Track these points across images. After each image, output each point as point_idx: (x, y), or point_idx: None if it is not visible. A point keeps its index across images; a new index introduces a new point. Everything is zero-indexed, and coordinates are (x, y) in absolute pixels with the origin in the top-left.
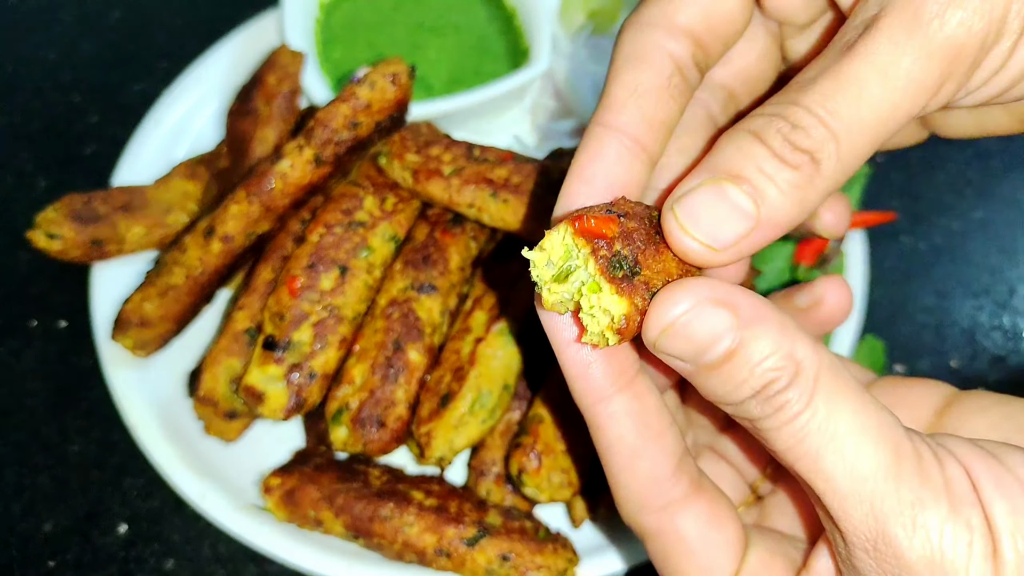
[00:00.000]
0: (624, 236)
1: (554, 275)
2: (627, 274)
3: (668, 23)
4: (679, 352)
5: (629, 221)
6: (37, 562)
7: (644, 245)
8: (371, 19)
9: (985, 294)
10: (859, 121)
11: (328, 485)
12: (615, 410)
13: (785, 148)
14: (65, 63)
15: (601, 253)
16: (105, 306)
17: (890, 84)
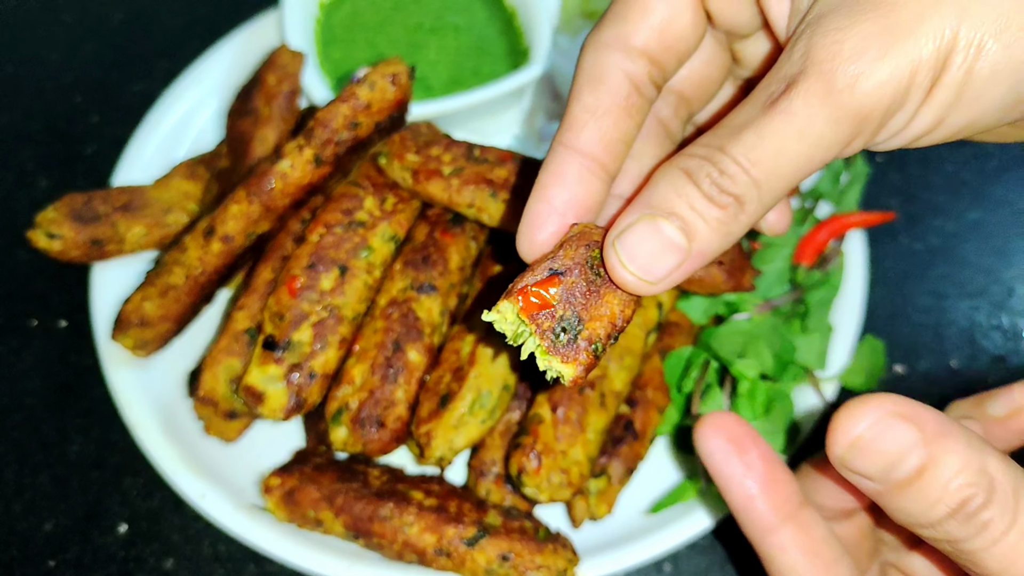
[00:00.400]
0: (566, 296)
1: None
2: (571, 337)
3: (624, 44)
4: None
5: (569, 275)
6: (37, 562)
7: (585, 298)
8: (371, 19)
9: (981, 295)
10: (777, 171)
11: (328, 485)
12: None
13: (713, 190)
14: (66, 63)
15: (545, 326)
16: (105, 306)
17: (805, 141)
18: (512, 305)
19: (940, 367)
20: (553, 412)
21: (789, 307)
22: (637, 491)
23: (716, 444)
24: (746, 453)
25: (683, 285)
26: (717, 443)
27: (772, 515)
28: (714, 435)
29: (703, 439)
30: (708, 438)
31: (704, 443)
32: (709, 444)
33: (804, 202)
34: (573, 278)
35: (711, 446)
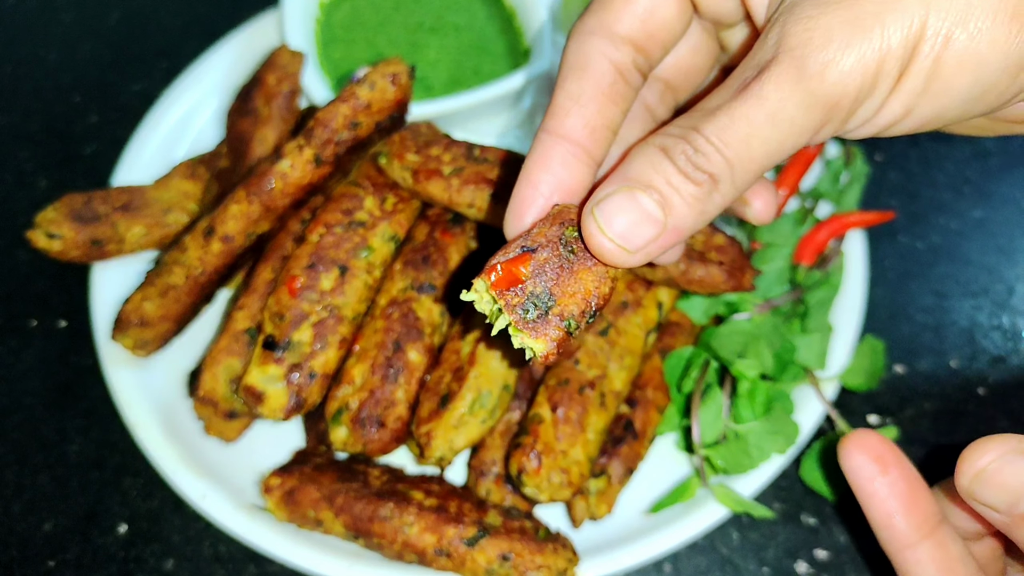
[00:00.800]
0: (537, 272)
1: (489, 319)
2: (541, 312)
3: (608, 31)
4: (992, 500)
5: (542, 252)
6: (37, 562)
7: (557, 274)
8: (371, 19)
9: (984, 294)
10: (749, 152)
11: (328, 485)
12: (920, 557)
13: (688, 167)
14: (65, 63)
15: (514, 302)
16: (105, 306)
17: (776, 126)
18: (484, 282)
19: (940, 367)
20: (553, 412)
21: (789, 307)
22: (637, 491)
23: (860, 461)
24: (888, 472)
25: (683, 285)
26: (861, 460)
27: (911, 533)
28: (858, 453)
29: (848, 457)
30: (852, 455)
31: (848, 460)
32: (853, 461)
33: (804, 202)
34: (545, 255)
35: (855, 463)
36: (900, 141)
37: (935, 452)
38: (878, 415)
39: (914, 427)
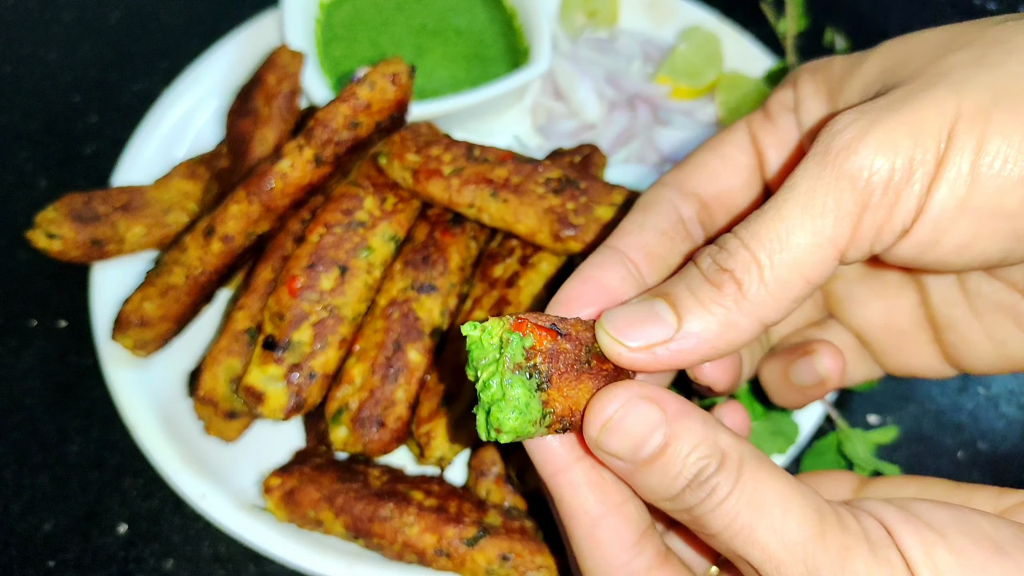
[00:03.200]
0: (551, 355)
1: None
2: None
3: (679, 185)
4: (619, 448)
5: (566, 342)
6: (37, 562)
7: (565, 369)
8: (372, 20)
9: None
10: (780, 243)
11: (328, 485)
12: (575, 479)
13: (711, 269)
14: (65, 63)
15: (520, 361)
16: (105, 306)
17: (808, 212)
18: (501, 324)
19: None
20: None
21: None
22: None
23: None
24: None
25: None
26: None
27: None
28: None
29: None
30: None
31: None
32: None
33: None
34: (568, 347)
35: None
36: None
37: (935, 452)
38: (878, 415)
39: (914, 427)
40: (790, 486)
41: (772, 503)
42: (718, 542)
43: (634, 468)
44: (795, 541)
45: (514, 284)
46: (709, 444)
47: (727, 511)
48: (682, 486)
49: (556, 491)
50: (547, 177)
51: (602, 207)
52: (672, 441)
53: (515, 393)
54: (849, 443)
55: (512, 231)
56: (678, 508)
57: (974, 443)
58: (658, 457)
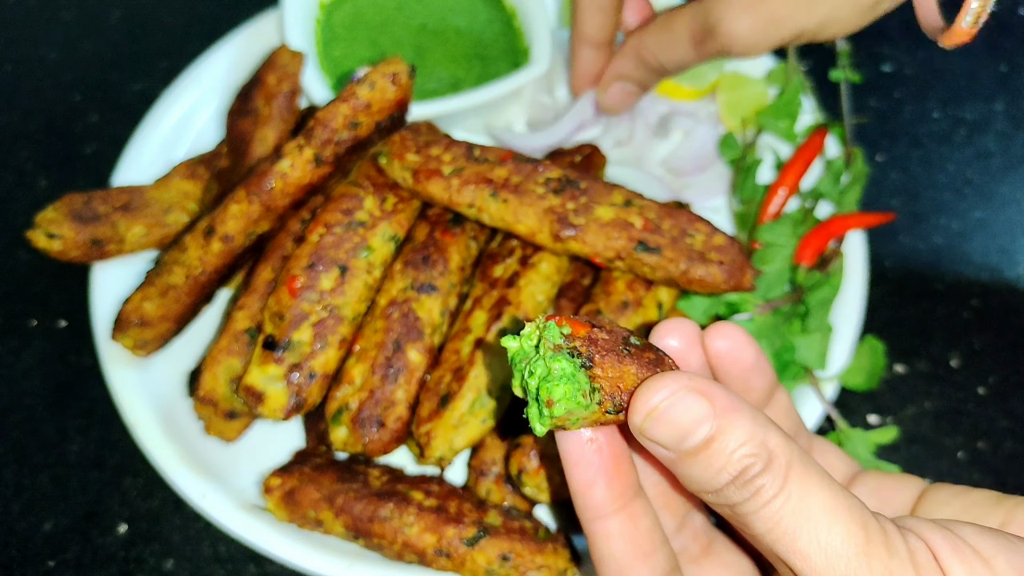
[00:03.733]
0: (589, 340)
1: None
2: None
3: None
4: (663, 438)
5: (602, 332)
6: (37, 562)
7: (606, 352)
8: (372, 20)
9: (985, 294)
10: None
11: (328, 485)
12: (610, 529)
13: None
14: (65, 63)
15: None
16: (105, 306)
17: None
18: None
19: (940, 366)
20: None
21: (789, 307)
22: None
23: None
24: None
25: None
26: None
27: (607, 503)
28: None
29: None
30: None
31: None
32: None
33: (804, 202)
34: (604, 335)
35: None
36: (902, 142)
37: (936, 451)
38: (878, 415)
39: (914, 427)
40: (837, 496)
41: (818, 512)
42: (760, 543)
43: (677, 458)
44: (838, 556)
45: (514, 284)
46: (757, 442)
47: (771, 514)
48: (725, 481)
49: (591, 537)
50: (547, 177)
51: (602, 207)
52: (719, 435)
53: (560, 365)
54: (849, 443)
55: (512, 231)
56: (721, 502)
57: (974, 443)
58: (703, 449)
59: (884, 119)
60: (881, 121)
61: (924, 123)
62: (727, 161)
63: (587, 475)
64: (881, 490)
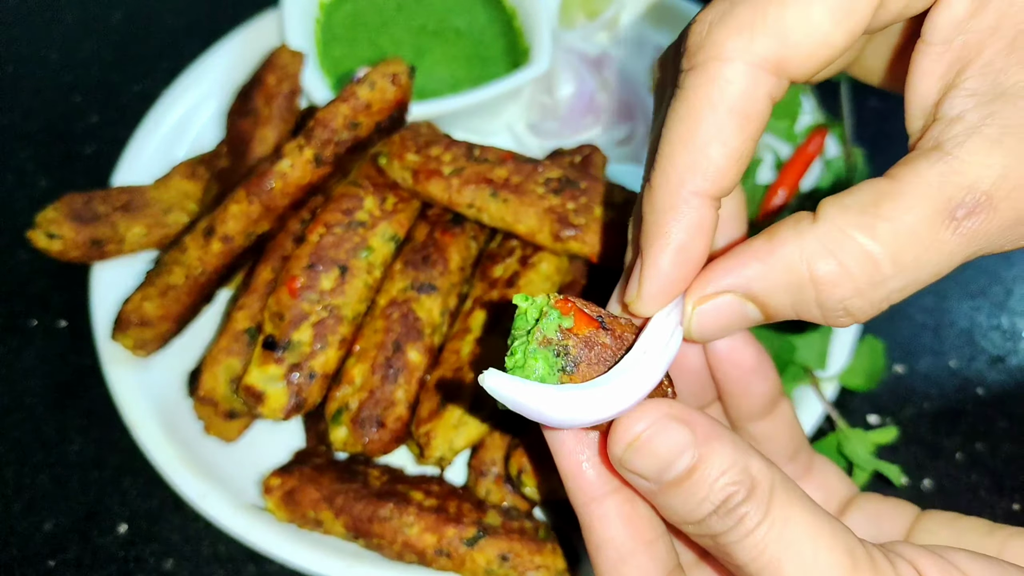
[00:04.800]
0: (586, 342)
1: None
2: (557, 367)
3: None
4: (644, 468)
5: (606, 336)
6: (37, 562)
7: (596, 362)
8: (372, 20)
9: (982, 295)
10: None
11: (328, 485)
12: (606, 511)
13: None
14: (66, 63)
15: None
16: (105, 306)
17: None
18: (545, 300)
19: (939, 367)
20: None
21: None
22: None
23: None
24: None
25: None
26: None
27: (601, 483)
28: None
29: None
30: None
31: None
32: None
33: (804, 202)
34: (607, 340)
35: None
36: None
37: (935, 452)
38: (878, 415)
39: (914, 427)
40: (822, 522)
41: (802, 540)
42: (743, 573)
43: (659, 489)
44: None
45: (514, 284)
46: (739, 470)
47: (755, 543)
48: (708, 511)
49: (586, 521)
50: (547, 177)
51: (602, 207)
52: (700, 464)
53: (535, 365)
54: (849, 443)
55: (512, 231)
56: (703, 533)
57: (974, 444)
58: (684, 480)
59: (884, 119)
60: (881, 121)
61: None
62: None
63: (576, 456)
64: (877, 515)
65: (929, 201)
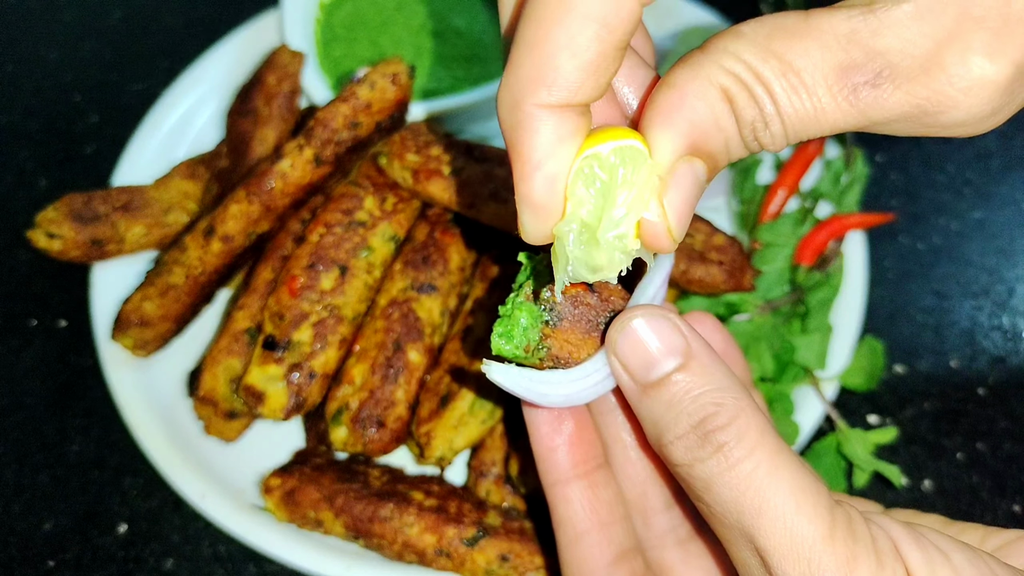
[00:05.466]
0: (572, 300)
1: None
2: (543, 321)
3: None
4: (631, 358)
5: (594, 298)
6: (37, 562)
7: (579, 320)
8: (372, 20)
9: (984, 294)
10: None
11: (328, 485)
12: (570, 493)
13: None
14: (65, 63)
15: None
16: (105, 306)
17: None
18: (541, 259)
19: (940, 367)
20: None
21: (789, 307)
22: None
23: None
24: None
25: (683, 285)
26: None
27: (569, 467)
28: None
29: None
30: None
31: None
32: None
33: (804, 202)
34: (593, 301)
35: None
36: (902, 142)
37: (935, 452)
38: (878, 415)
39: (914, 427)
40: (806, 478)
41: (786, 491)
42: (724, 516)
43: (641, 391)
44: (803, 536)
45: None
46: (722, 393)
47: (738, 481)
48: (685, 427)
49: (552, 500)
50: None
51: None
52: (683, 372)
53: (520, 316)
54: (849, 444)
55: (512, 231)
56: (677, 459)
57: (974, 445)
58: (665, 383)
59: None
60: None
61: None
62: None
63: (550, 440)
64: None
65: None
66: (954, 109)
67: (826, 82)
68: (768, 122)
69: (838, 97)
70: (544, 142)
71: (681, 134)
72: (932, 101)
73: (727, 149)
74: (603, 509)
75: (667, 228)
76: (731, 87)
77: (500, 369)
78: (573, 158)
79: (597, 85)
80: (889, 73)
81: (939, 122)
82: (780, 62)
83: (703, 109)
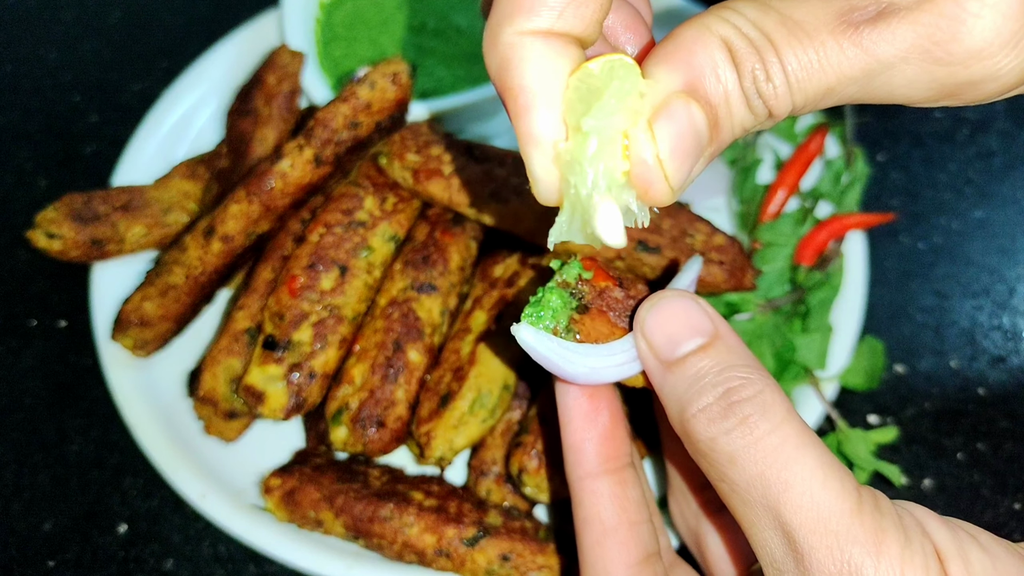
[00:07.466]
0: (599, 293)
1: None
2: (571, 306)
3: None
4: (657, 335)
5: (620, 291)
6: (37, 562)
7: (606, 310)
8: (372, 20)
9: (985, 294)
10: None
11: (328, 485)
12: (599, 488)
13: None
14: (65, 63)
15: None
16: (105, 306)
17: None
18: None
19: (940, 367)
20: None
21: (789, 307)
22: None
23: (576, 391)
24: (598, 405)
25: None
26: (577, 390)
27: (599, 462)
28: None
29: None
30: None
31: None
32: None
33: (804, 202)
34: (619, 295)
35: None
36: (903, 141)
37: (936, 452)
38: (878, 415)
39: (914, 427)
40: (831, 458)
41: (813, 465)
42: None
43: (665, 368)
44: (831, 511)
45: (514, 284)
46: (747, 369)
47: (766, 451)
48: (710, 399)
49: (578, 494)
50: None
51: None
52: (709, 349)
53: (551, 298)
54: (849, 443)
55: (512, 231)
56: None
57: (975, 444)
58: (691, 359)
59: (885, 118)
60: (882, 120)
61: (926, 122)
62: (727, 161)
63: (582, 432)
64: None
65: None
66: (967, 34)
67: (827, 27)
68: (770, 71)
69: (841, 39)
70: (533, 70)
71: (677, 71)
72: (941, 27)
73: (727, 104)
74: (632, 508)
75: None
76: (731, 36)
77: (530, 331)
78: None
79: (580, 15)
80: (890, 6)
81: (954, 55)
82: (780, 14)
83: (702, 53)
